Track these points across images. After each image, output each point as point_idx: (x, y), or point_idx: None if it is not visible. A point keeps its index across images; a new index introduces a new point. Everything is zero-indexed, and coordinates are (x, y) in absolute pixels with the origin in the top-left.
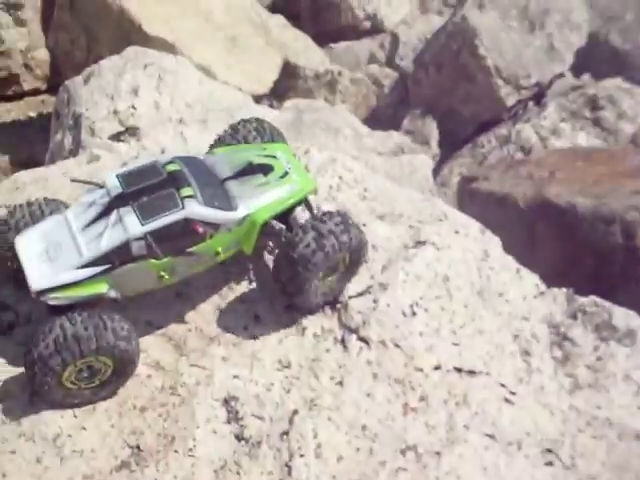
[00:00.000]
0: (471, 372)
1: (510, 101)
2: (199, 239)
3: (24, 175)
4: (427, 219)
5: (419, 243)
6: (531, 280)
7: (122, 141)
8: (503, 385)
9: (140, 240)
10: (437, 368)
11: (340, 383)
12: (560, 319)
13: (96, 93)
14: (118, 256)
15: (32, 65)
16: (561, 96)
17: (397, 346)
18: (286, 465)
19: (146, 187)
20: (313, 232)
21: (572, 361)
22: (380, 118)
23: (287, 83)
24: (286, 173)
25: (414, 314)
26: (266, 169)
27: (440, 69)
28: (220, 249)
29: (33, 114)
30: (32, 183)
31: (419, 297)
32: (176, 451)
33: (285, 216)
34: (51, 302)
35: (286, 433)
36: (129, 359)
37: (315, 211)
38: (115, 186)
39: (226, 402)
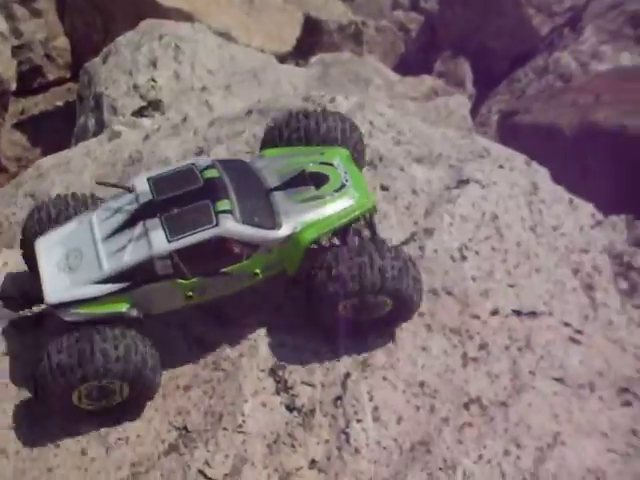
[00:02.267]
0: (532, 314)
1: (544, 30)
2: (234, 259)
3: (46, 161)
4: (468, 157)
5: (462, 182)
6: (586, 210)
7: (146, 116)
8: (568, 324)
9: (165, 259)
10: (495, 313)
11: (392, 339)
12: (622, 248)
13: (114, 71)
14: (141, 274)
15: (53, 55)
16: (598, 17)
17: (449, 294)
18: (343, 432)
19: (179, 196)
20: (365, 258)
21: None
22: (411, 64)
23: (311, 39)
24: (343, 186)
25: (464, 258)
26: (320, 179)
27: (467, 6)
28: (259, 270)
29: (60, 104)
30: (54, 167)
31: (467, 239)
32: (225, 428)
33: (341, 231)
34: (66, 318)
35: (340, 398)
36: (150, 390)
37: (378, 231)
38: (145, 192)
39: (273, 372)
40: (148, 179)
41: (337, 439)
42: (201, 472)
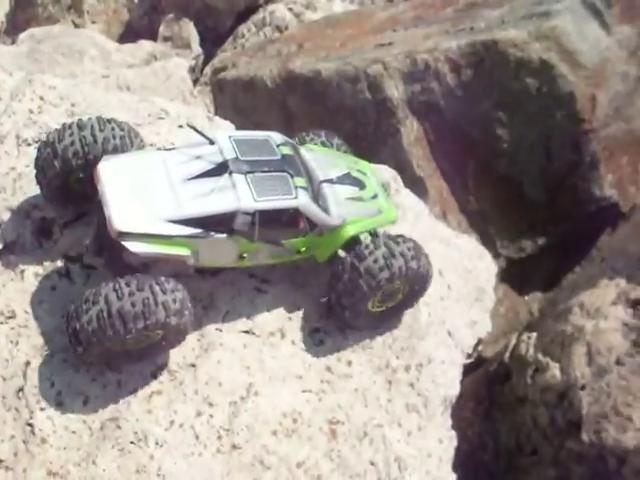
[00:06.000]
0: (215, 272)
1: None
2: (295, 234)
3: None
4: (146, 120)
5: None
6: None
7: None
8: (253, 275)
9: (247, 215)
10: (175, 276)
11: None
12: None
13: None
14: (218, 223)
15: None
16: None
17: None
18: (28, 424)
19: (260, 162)
20: (385, 249)
21: None
22: (137, 31)
23: (24, 14)
24: (376, 195)
25: None
26: (360, 184)
27: None
28: (304, 249)
29: None
30: None
31: None
32: None
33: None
34: (132, 249)
35: (22, 389)
36: (179, 333)
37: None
38: (228, 148)
39: None
40: (230, 137)
41: (22, 432)
42: None
